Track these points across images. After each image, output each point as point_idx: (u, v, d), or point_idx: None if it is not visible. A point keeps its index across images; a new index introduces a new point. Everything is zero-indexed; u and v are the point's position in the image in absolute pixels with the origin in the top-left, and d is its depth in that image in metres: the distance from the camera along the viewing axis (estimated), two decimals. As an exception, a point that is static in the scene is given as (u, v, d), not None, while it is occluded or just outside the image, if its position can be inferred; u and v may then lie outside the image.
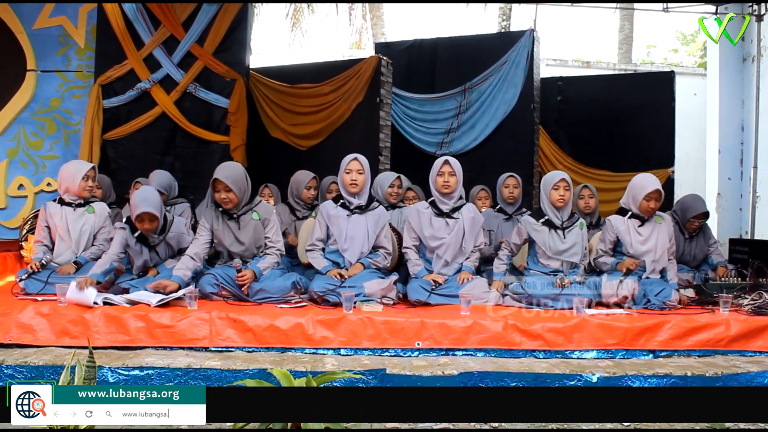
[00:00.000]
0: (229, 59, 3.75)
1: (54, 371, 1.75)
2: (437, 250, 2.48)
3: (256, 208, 2.43)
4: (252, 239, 2.39)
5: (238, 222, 2.39)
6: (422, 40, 4.57)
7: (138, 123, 3.78)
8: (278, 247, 2.44)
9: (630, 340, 2.06)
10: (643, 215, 2.51)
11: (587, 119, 4.56)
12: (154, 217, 2.33)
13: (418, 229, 2.51)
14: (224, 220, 2.40)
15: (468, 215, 2.52)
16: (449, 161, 2.52)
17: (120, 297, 2.21)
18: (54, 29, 3.87)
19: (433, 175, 2.53)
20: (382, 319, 2.06)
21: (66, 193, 2.58)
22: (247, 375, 1.74)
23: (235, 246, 2.39)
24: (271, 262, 2.38)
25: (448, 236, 2.47)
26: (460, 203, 2.54)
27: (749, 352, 2.08)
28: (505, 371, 1.82)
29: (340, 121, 3.98)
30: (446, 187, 2.49)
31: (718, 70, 4.30)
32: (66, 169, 2.62)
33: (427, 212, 2.52)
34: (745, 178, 4.17)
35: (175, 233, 2.49)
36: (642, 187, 2.48)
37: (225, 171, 2.32)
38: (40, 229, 2.57)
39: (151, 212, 2.31)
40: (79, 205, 2.58)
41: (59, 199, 2.60)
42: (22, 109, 3.85)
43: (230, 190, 2.30)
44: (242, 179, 2.35)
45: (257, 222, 2.39)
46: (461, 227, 2.49)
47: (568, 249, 2.44)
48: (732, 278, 2.58)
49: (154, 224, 2.36)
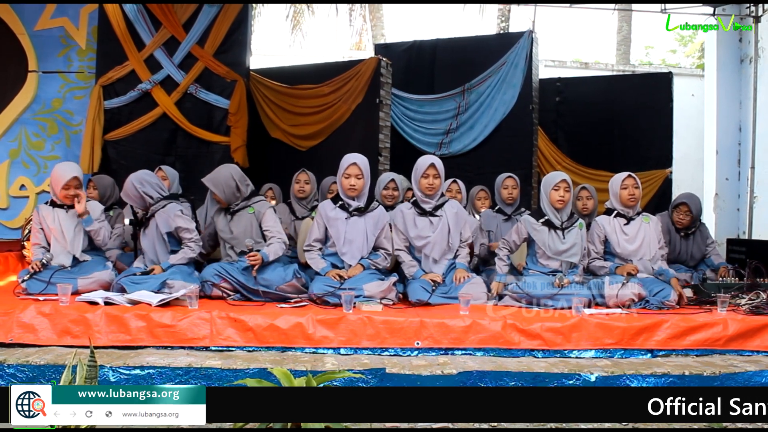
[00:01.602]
0: (229, 60, 3.77)
1: (55, 370, 1.76)
2: (424, 249, 2.50)
3: (254, 204, 2.55)
4: (243, 230, 2.51)
5: (233, 215, 2.54)
6: (421, 42, 4.59)
7: (139, 124, 3.79)
8: (279, 236, 2.51)
9: (628, 340, 2.08)
10: (627, 207, 2.55)
11: (585, 120, 4.58)
12: (78, 182, 2.52)
13: (404, 230, 2.52)
14: (224, 214, 2.60)
15: (451, 211, 2.53)
16: (435, 164, 2.52)
17: (121, 297, 2.22)
18: (55, 30, 3.89)
19: (417, 176, 2.53)
20: (382, 319, 2.07)
21: (55, 195, 2.58)
22: (247, 374, 1.75)
23: (225, 233, 2.55)
24: (276, 249, 2.46)
25: (433, 234, 2.48)
26: (442, 200, 2.55)
27: (747, 351, 2.09)
28: (504, 370, 1.84)
29: (339, 121, 4.00)
30: (430, 188, 2.51)
31: (716, 71, 4.33)
32: (53, 173, 2.59)
33: (410, 212, 2.53)
34: (742, 178, 4.20)
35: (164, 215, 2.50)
36: (617, 179, 2.60)
37: (210, 176, 2.56)
38: (35, 232, 2.57)
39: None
40: (70, 206, 2.57)
41: (51, 201, 2.60)
42: (23, 109, 3.87)
43: (216, 193, 2.53)
44: (224, 182, 2.52)
45: (251, 215, 2.54)
46: (445, 224, 2.50)
47: (568, 249, 2.46)
48: (730, 278, 2.60)
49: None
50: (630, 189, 2.55)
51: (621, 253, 2.54)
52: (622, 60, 7.98)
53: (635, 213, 2.60)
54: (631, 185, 2.55)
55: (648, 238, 2.53)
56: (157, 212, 2.51)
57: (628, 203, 2.57)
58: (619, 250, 2.54)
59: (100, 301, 2.16)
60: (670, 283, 2.39)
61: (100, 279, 2.43)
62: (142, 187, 2.51)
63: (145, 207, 2.54)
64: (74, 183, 2.53)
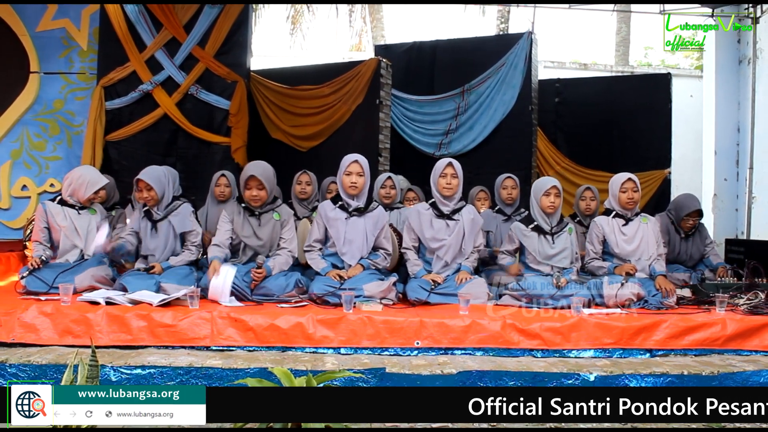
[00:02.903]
0: (230, 61, 3.78)
1: (57, 370, 1.76)
2: (437, 252, 2.50)
3: (277, 209, 2.52)
4: (270, 237, 2.46)
5: (260, 219, 2.48)
6: (421, 43, 4.60)
7: (140, 124, 3.80)
8: (291, 249, 2.48)
9: (627, 340, 2.09)
10: (625, 209, 2.56)
11: (585, 121, 4.58)
12: (150, 187, 2.46)
13: (419, 231, 2.52)
14: (245, 215, 2.48)
15: (468, 217, 2.54)
16: (452, 163, 2.54)
17: (122, 297, 2.23)
18: (57, 32, 3.90)
19: (435, 177, 2.55)
20: (382, 319, 2.08)
21: (71, 196, 2.59)
22: (248, 374, 1.76)
23: (252, 240, 2.46)
24: (283, 263, 2.43)
25: (448, 238, 2.49)
26: (461, 205, 2.56)
27: (745, 351, 2.10)
28: (504, 370, 1.84)
29: (340, 122, 4.01)
30: (448, 189, 2.51)
31: (715, 72, 4.34)
32: (81, 176, 2.59)
33: (428, 213, 2.54)
34: (741, 178, 4.21)
35: (180, 215, 2.52)
36: (617, 181, 2.59)
37: (258, 168, 2.45)
38: (38, 230, 2.56)
39: (146, 181, 2.46)
40: (82, 207, 2.61)
41: (60, 199, 2.61)
42: (25, 110, 3.88)
43: (263, 188, 2.45)
44: (272, 178, 2.48)
45: (277, 222, 2.49)
46: (461, 229, 2.51)
47: (558, 254, 2.47)
48: (728, 278, 2.61)
49: (151, 194, 2.48)
50: (629, 192, 2.55)
51: (619, 254, 2.55)
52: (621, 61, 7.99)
53: (633, 214, 2.61)
54: (630, 188, 2.56)
55: (646, 239, 2.54)
56: (171, 213, 2.50)
57: (626, 206, 2.58)
58: (618, 251, 2.55)
59: (101, 301, 2.17)
60: (655, 281, 2.39)
61: (96, 274, 2.43)
62: (168, 180, 2.51)
63: (154, 202, 2.48)
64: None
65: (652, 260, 2.53)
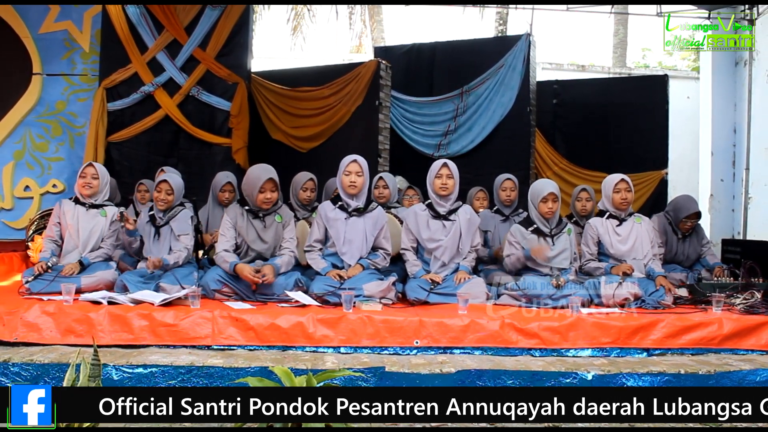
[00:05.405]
0: (231, 63, 3.80)
1: (59, 369, 1.78)
2: (435, 252, 2.51)
3: (279, 211, 2.54)
4: (274, 239, 2.48)
5: (264, 221, 2.49)
6: (420, 44, 4.62)
7: (142, 125, 3.82)
8: (292, 249, 2.51)
9: (624, 339, 2.10)
10: (619, 210, 2.58)
11: (582, 122, 4.61)
12: (170, 188, 2.53)
13: (416, 231, 2.54)
14: (249, 218, 2.49)
15: (464, 217, 2.55)
16: (447, 164, 2.56)
17: (124, 296, 2.24)
18: (59, 33, 3.92)
19: (431, 178, 2.56)
20: (382, 318, 2.10)
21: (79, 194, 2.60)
22: (248, 373, 1.77)
23: (257, 243, 2.47)
24: (287, 262, 2.45)
25: (445, 238, 2.50)
26: (457, 205, 2.58)
27: (741, 350, 2.12)
28: (502, 369, 1.85)
29: (340, 123, 4.03)
30: (444, 189, 2.52)
31: (711, 73, 4.36)
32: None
33: (424, 214, 2.55)
34: (737, 179, 4.23)
35: (179, 221, 2.55)
36: (610, 182, 2.61)
37: (271, 172, 2.47)
38: (51, 225, 2.59)
39: (171, 185, 2.53)
40: (93, 206, 2.61)
41: (75, 197, 2.64)
42: (28, 111, 3.89)
43: (276, 189, 2.47)
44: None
45: (279, 224, 2.51)
46: (458, 229, 2.52)
47: (557, 255, 2.49)
48: (725, 278, 2.63)
49: (169, 198, 2.54)
50: (623, 193, 2.58)
51: (614, 254, 2.57)
52: (619, 63, 8.01)
53: (627, 214, 2.63)
54: (623, 189, 2.58)
55: (640, 239, 2.56)
56: (172, 219, 2.54)
57: (620, 207, 2.60)
58: (613, 251, 2.57)
59: (103, 301, 2.19)
60: (656, 281, 2.41)
61: (104, 278, 2.46)
62: (181, 189, 2.58)
63: (166, 206, 2.54)
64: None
65: (647, 260, 2.55)
